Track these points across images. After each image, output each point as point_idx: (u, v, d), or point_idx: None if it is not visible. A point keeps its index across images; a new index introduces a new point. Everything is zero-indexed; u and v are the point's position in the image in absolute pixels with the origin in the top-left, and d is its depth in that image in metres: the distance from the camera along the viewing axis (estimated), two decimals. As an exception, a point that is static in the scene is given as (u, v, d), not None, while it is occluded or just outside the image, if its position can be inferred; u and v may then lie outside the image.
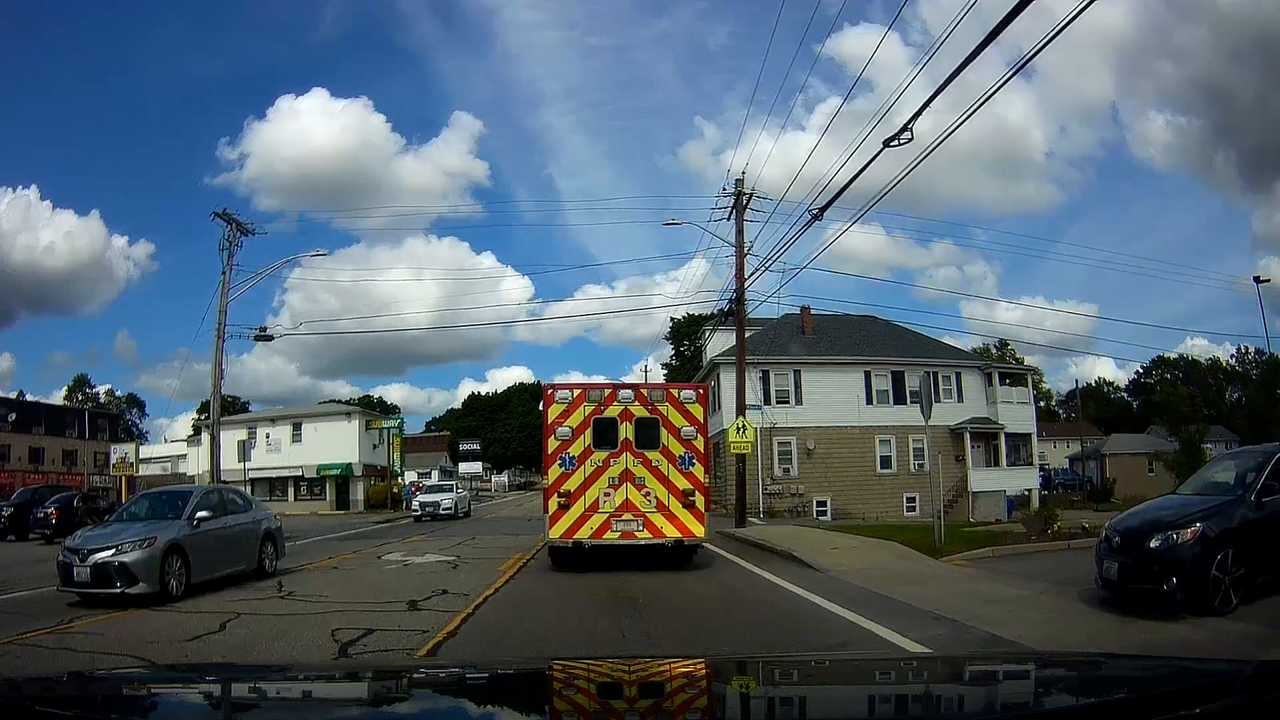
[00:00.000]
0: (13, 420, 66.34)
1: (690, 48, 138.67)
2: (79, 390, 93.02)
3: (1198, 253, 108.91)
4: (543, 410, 14.20)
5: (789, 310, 38.08)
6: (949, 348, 43.89)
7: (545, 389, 14.40)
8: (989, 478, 39.10)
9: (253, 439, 52.00)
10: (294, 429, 55.77)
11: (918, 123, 12.13)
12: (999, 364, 49.11)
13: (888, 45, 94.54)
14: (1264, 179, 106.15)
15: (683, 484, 13.25)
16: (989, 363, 46.93)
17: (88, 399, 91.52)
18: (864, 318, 43.23)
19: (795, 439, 37.97)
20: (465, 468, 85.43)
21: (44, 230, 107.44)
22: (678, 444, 13.37)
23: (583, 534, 13.13)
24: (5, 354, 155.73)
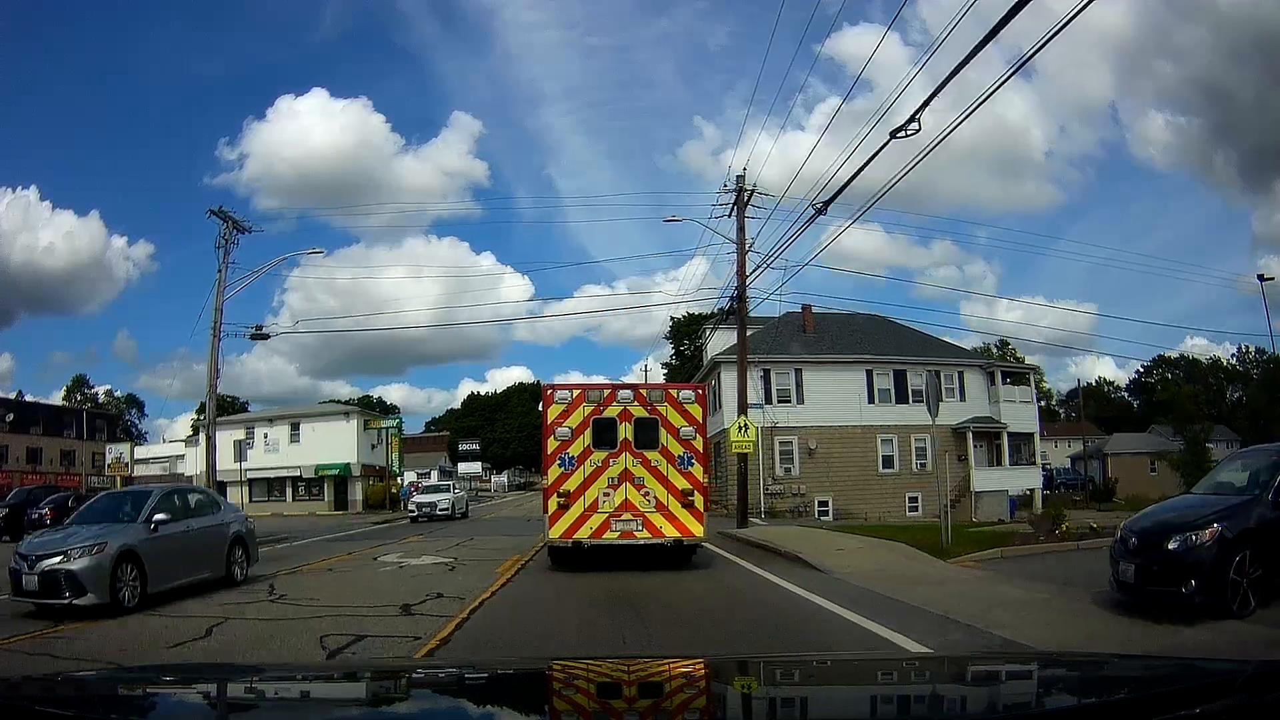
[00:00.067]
0: (10, 420, 66.18)
1: (690, 48, 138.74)
2: (77, 390, 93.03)
3: (1198, 253, 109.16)
4: (542, 410, 14.18)
5: (790, 309, 37.79)
6: (951, 346, 43.64)
7: (544, 389, 14.38)
8: (991, 477, 38.88)
9: (250, 439, 51.64)
10: (292, 429, 55.56)
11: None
12: (1001, 363, 48.87)
13: (888, 45, 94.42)
14: (1264, 179, 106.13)
15: (682, 484, 13.23)
16: (991, 362, 46.70)
17: (86, 399, 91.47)
18: (865, 316, 43.00)
19: (796, 438, 37.69)
20: (465, 468, 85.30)
21: (44, 230, 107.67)
22: (677, 444, 13.35)
23: (582, 534, 13.12)
24: (5, 354, 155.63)
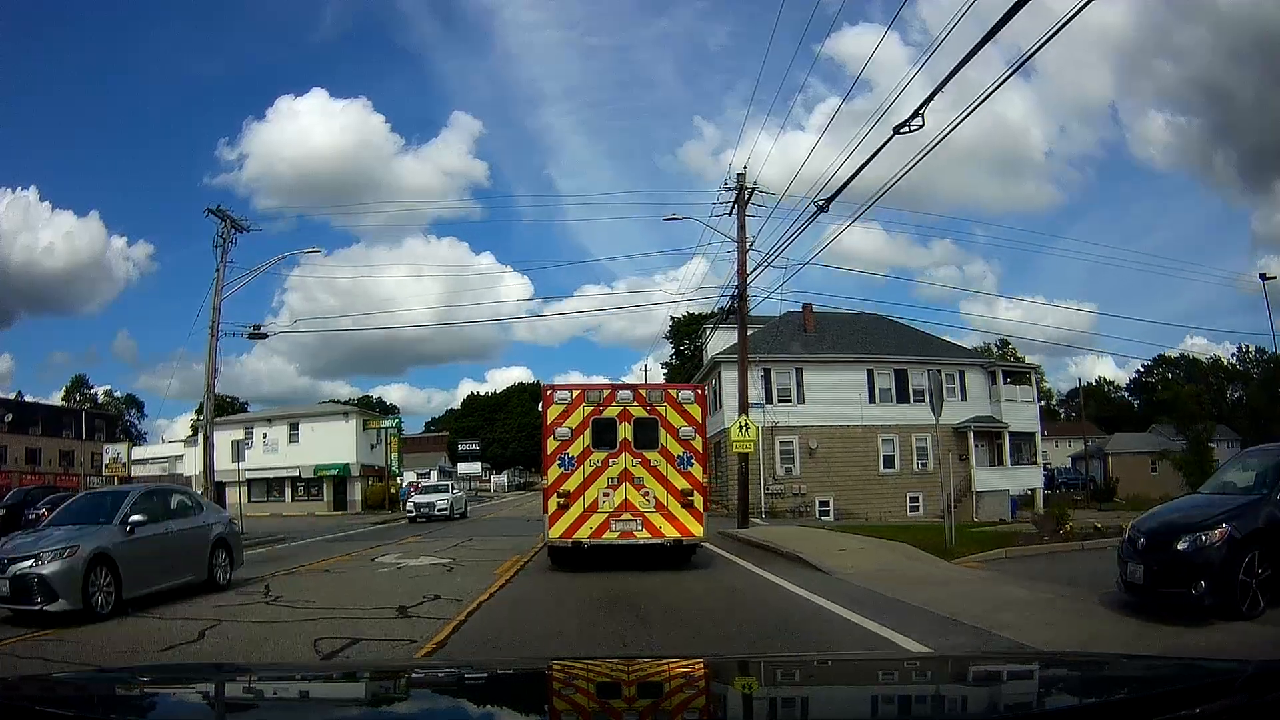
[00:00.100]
0: (9, 421, 66.04)
1: (690, 48, 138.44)
2: (77, 390, 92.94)
3: (1197, 252, 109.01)
4: (542, 411, 14.18)
5: (790, 308, 37.61)
6: (952, 346, 43.48)
7: (544, 389, 14.38)
8: (993, 477, 38.75)
9: (249, 439, 51.35)
10: (291, 429, 55.37)
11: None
12: (1002, 362, 48.70)
13: (888, 45, 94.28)
14: (1264, 179, 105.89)
15: (681, 484, 13.24)
16: (992, 361, 46.54)
17: (86, 399, 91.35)
18: (866, 315, 42.88)
19: (797, 438, 37.54)
20: (464, 468, 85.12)
21: (43, 231, 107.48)
22: (676, 444, 13.37)
23: (582, 534, 13.12)
24: (5, 355, 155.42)
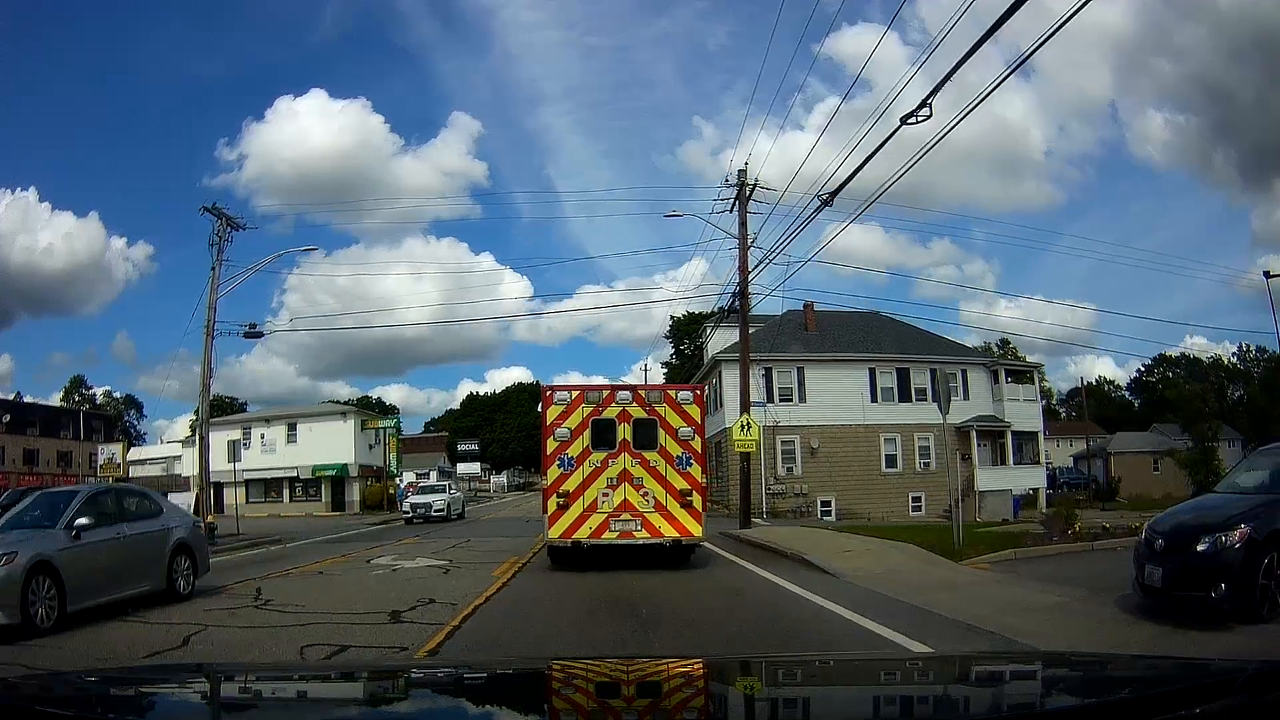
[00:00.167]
0: (7, 422, 65.74)
1: (690, 48, 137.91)
2: (75, 391, 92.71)
3: (1197, 251, 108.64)
4: (541, 411, 14.16)
5: (792, 307, 37.38)
6: (954, 344, 43.14)
7: (544, 390, 14.42)
8: (995, 477, 38.48)
9: (247, 439, 51.13)
10: (289, 429, 55.07)
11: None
12: (1005, 361, 48.39)
13: (887, 44, 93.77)
14: (1263, 177, 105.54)
15: (680, 484, 13.30)
16: (995, 360, 46.23)
17: (84, 400, 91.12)
18: (868, 314, 42.61)
19: (799, 437, 37.23)
20: (464, 468, 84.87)
21: (43, 232, 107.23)
22: (675, 444, 13.42)
23: (582, 534, 13.16)
24: (4, 356, 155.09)
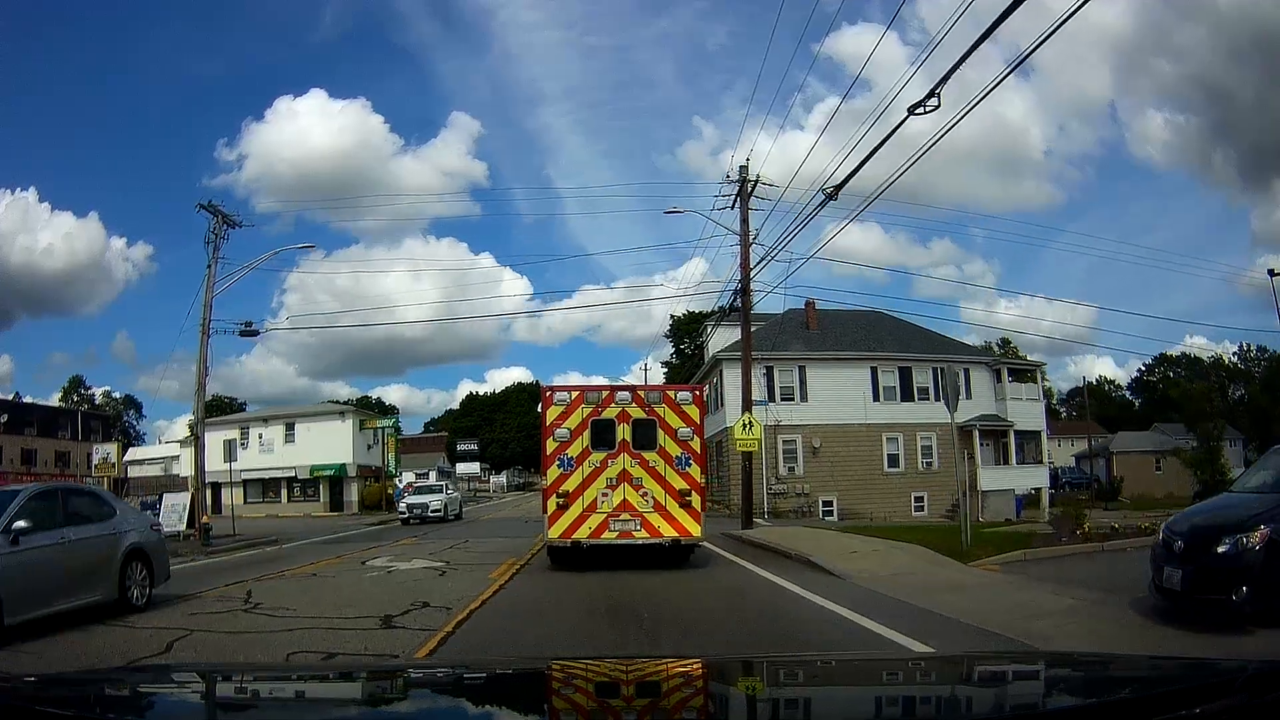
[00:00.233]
0: (4, 421, 65.48)
1: (690, 48, 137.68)
2: (74, 391, 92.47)
3: (1197, 251, 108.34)
4: (541, 412, 14.14)
5: (793, 306, 37.16)
6: (956, 343, 42.82)
7: (543, 390, 14.45)
8: (998, 476, 38.20)
9: (245, 439, 50.87)
10: (287, 429, 54.75)
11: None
12: (1007, 359, 48.09)
13: (887, 43, 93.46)
14: (1263, 177, 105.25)
15: (679, 484, 13.35)
16: (997, 359, 45.93)
17: (83, 400, 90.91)
18: (869, 313, 42.30)
19: (800, 437, 36.93)
20: (463, 468, 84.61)
21: (43, 232, 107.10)
22: (674, 445, 13.47)
23: (581, 534, 13.19)
24: (4, 356, 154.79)
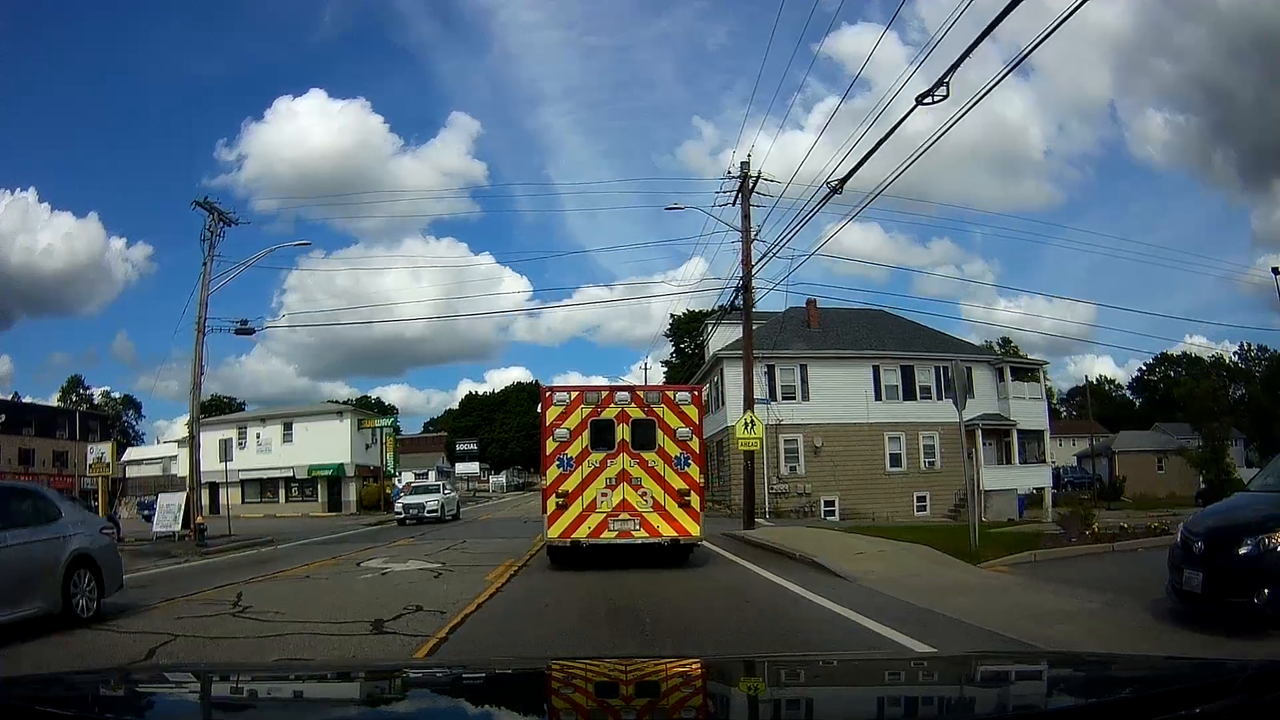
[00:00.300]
0: (2, 421, 65.13)
1: (690, 48, 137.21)
2: (73, 391, 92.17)
3: (1197, 251, 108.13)
4: (540, 412, 14.12)
5: (794, 304, 36.80)
6: (958, 342, 42.52)
7: (543, 391, 14.46)
8: (1000, 476, 37.89)
9: (242, 439, 50.63)
10: (285, 429, 54.49)
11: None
12: (1010, 358, 47.78)
13: (887, 43, 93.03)
14: (1263, 177, 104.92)
15: (678, 484, 13.40)
16: (1000, 357, 45.61)
17: (82, 400, 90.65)
18: (871, 311, 41.99)
19: (802, 436, 36.62)
20: (462, 468, 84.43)
21: (42, 232, 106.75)
22: (673, 445, 13.51)
23: (581, 533, 13.22)
24: (4, 356, 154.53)
